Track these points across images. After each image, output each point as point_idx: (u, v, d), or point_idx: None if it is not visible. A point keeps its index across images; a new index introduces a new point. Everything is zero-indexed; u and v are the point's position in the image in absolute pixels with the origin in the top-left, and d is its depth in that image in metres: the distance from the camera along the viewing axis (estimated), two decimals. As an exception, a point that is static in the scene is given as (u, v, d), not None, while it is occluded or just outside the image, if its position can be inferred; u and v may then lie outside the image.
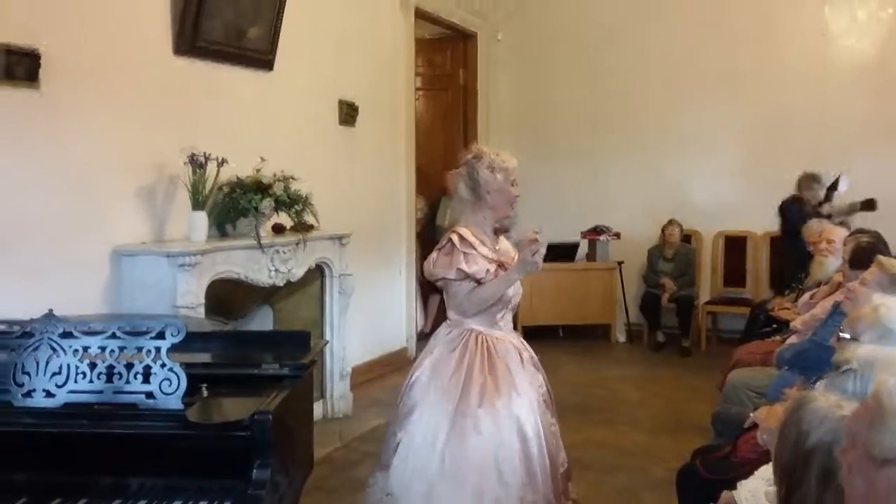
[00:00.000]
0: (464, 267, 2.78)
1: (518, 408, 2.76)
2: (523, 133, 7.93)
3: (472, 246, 2.81)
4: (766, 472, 2.30)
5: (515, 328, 2.97)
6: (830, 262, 4.46)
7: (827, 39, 7.05)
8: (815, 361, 2.83)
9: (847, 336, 2.20)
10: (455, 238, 2.83)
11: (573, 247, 7.56)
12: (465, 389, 2.75)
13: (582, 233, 7.60)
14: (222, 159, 4.10)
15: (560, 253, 7.41)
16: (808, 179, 6.18)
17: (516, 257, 2.92)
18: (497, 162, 2.88)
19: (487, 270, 2.81)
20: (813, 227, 5.22)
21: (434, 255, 2.89)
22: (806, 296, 4.44)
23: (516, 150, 7.64)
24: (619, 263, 7.56)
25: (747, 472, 2.47)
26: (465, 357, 2.81)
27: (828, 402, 1.46)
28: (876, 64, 6.89)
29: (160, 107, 4.11)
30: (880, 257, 2.96)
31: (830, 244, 4.55)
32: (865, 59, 6.94)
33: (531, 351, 3.02)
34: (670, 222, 7.33)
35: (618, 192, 7.78)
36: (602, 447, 4.67)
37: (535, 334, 7.26)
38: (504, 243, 3.04)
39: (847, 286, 3.29)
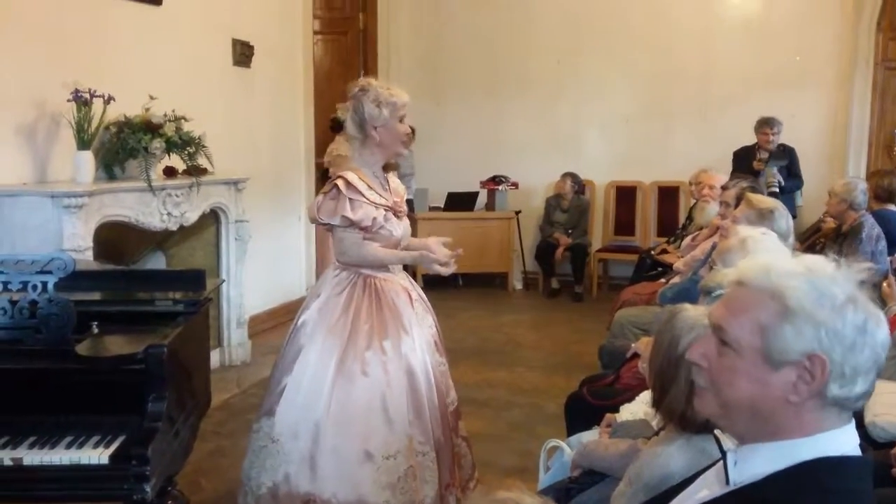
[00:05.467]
0: (349, 214, 2.70)
1: (406, 347, 2.76)
2: (424, 81, 7.89)
3: (358, 191, 2.72)
4: (645, 396, 2.46)
5: (414, 277, 3.03)
6: (712, 207, 4.71)
7: (712, -5, 7.33)
8: (696, 298, 3.02)
9: (718, 267, 2.35)
10: (341, 183, 2.72)
11: (472, 196, 7.66)
12: (352, 332, 2.72)
13: (481, 182, 7.70)
14: (109, 96, 3.94)
15: (459, 202, 7.51)
16: (761, 124, 6.36)
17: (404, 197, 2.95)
18: (384, 96, 2.73)
19: (374, 218, 2.74)
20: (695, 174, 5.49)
21: (319, 198, 2.80)
22: (688, 239, 4.69)
23: (417, 98, 7.59)
24: (517, 213, 7.71)
25: (629, 397, 2.64)
26: (353, 300, 2.77)
27: (696, 311, 1.58)
28: (759, 19, 7.19)
29: (40, 40, 3.89)
30: (748, 194, 3.16)
31: (712, 190, 4.80)
32: (750, 14, 7.23)
33: (420, 291, 3.02)
34: (565, 175, 7.52)
35: (516, 142, 7.89)
36: (498, 386, 4.84)
37: (434, 283, 7.37)
38: (394, 181, 2.97)
39: (720, 224, 3.49)
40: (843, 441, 1.11)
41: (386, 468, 2.66)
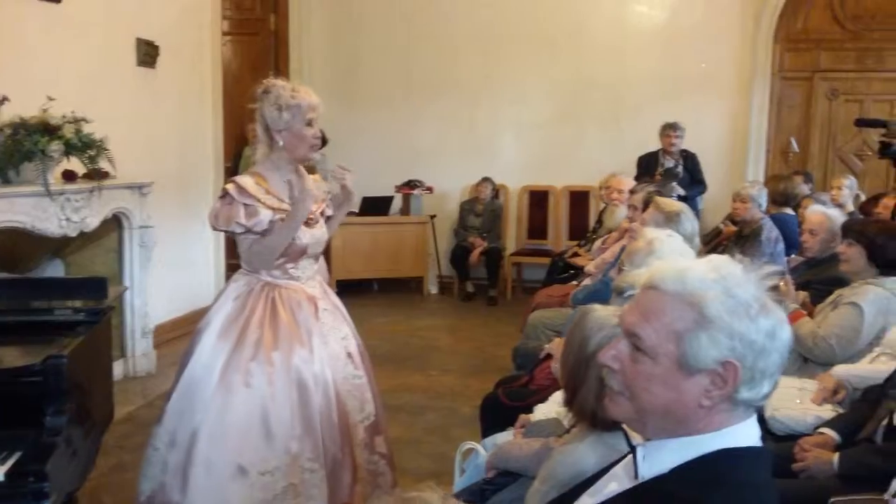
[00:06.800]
0: (242, 220, 2.59)
1: (298, 359, 2.65)
2: (337, 83, 7.82)
3: (252, 196, 2.60)
4: (558, 396, 2.50)
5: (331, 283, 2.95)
6: (620, 211, 4.84)
7: (625, 4, 7.53)
8: (606, 299, 3.09)
9: (627, 268, 2.42)
10: (232, 188, 2.61)
11: (387, 200, 7.64)
12: (239, 342, 2.62)
13: (396, 186, 7.69)
14: (3, 97, 3.76)
15: (374, 206, 7.48)
16: (665, 128, 6.56)
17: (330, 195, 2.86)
18: (286, 99, 2.61)
19: (271, 222, 2.62)
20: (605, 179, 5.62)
21: (217, 205, 2.67)
22: (598, 242, 4.80)
23: (330, 101, 7.52)
24: (432, 217, 7.73)
25: (543, 397, 2.68)
26: (246, 308, 2.67)
27: (606, 311, 1.62)
28: (667, 31, 7.43)
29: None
30: (656, 198, 3.27)
31: (620, 194, 4.93)
32: (658, 22, 7.47)
33: (335, 301, 2.91)
34: (483, 180, 7.59)
35: (431, 147, 7.91)
36: (414, 391, 4.83)
37: (349, 288, 7.33)
38: (317, 186, 2.83)
39: (629, 227, 3.60)
40: (745, 434, 1.16)
41: (261, 484, 2.56)
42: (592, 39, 7.55)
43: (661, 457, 1.16)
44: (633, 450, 1.19)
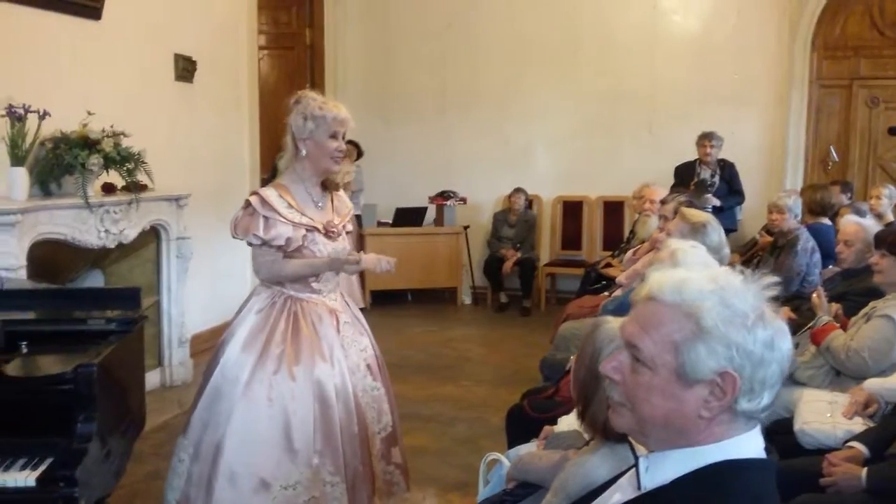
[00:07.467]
0: (260, 233, 2.64)
1: (320, 373, 2.68)
2: (372, 96, 7.92)
3: (273, 209, 2.65)
4: (582, 407, 2.49)
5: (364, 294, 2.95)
6: (653, 221, 4.80)
7: (656, 14, 7.47)
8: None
9: (651, 279, 2.40)
10: (255, 200, 2.67)
11: (421, 211, 7.68)
12: (263, 356, 2.66)
13: (429, 197, 7.72)
14: (44, 112, 3.87)
15: (408, 218, 7.53)
16: (701, 137, 6.55)
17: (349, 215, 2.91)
18: (312, 109, 2.66)
19: (288, 238, 2.66)
20: (636, 189, 5.59)
21: (238, 213, 2.74)
22: (629, 252, 4.77)
23: (365, 114, 7.71)
24: (466, 228, 7.75)
25: (568, 409, 2.66)
26: (269, 321, 2.71)
27: (618, 323, 1.61)
28: (700, 37, 7.36)
29: (-29, 54, 3.81)
30: (683, 209, 3.24)
31: (653, 204, 4.90)
32: (691, 32, 7.40)
33: (356, 313, 2.94)
34: (516, 190, 7.59)
35: (465, 158, 7.93)
36: (445, 401, 4.84)
37: (384, 299, 7.39)
38: (340, 200, 2.91)
39: (657, 237, 3.57)
40: (747, 445, 1.15)
41: (283, 498, 2.59)
42: (625, 50, 7.50)
43: (664, 468, 1.16)
44: (636, 461, 1.19)
